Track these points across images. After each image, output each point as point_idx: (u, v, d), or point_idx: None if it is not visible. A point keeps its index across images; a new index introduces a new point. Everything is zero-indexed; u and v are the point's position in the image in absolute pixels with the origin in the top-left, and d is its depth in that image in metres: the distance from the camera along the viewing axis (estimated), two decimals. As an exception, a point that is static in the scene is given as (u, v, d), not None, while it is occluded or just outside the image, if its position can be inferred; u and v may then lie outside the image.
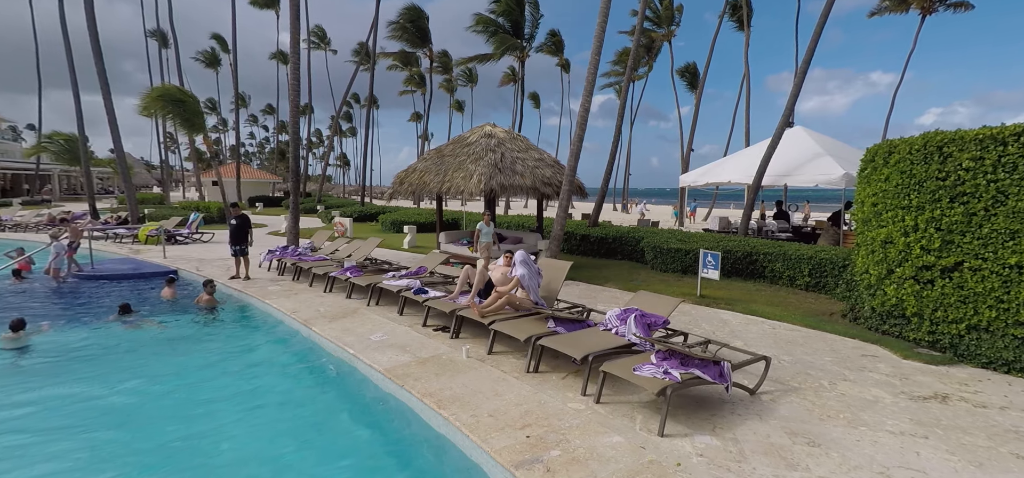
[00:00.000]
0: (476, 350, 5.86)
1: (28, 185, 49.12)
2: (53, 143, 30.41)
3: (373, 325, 7.02)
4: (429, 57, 33.39)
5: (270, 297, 8.81)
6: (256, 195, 39.54)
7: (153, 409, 5.29)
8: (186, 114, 20.54)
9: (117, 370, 6.33)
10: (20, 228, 19.32)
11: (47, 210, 28.48)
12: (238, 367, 6.45)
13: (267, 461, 4.23)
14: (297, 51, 12.16)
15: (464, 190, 10.66)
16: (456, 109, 60.73)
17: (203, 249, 15.06)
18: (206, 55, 50.60)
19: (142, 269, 11.70)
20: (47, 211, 26.71)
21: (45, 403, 5.34)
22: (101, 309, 8.75)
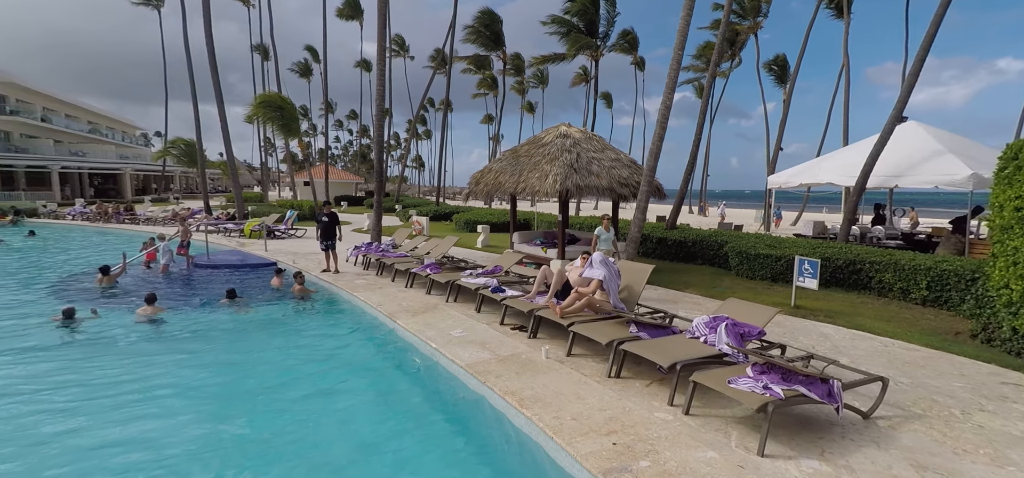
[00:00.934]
0: (555, 351, 5.81)
1: (156, 184, 56.35)
2: (175, 147, 34.66)
3: (453, 321, 7.21)
4: (502, 59, 33.90)
5: (357, 290, 9.35)
6: (340, 194, 42.32)
7: (249, 380, 5.90)
8: (284, 119, 22.50)
9: (223, 345, 7.15)
10: (151, 222, 22.18)
11: (172, 206, 32.42)
12: (327, 353, 6.92)
13: (353, 444, 4.47)
14: (383, 61, 12.84)
15: (539, 190, 10.65)
16: (527, 110, 61.15)
17: (298, 244, 16.37)
18: (300, 66, 55.06)
19: (248, 260, 12.95)
20: (172, 207, 30.43)
21: (168, 365, 6.11)
22: (213, 295, 9.79)
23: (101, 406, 5.16)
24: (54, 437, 4.53)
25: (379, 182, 13.96)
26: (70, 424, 4.78)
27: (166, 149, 36.14)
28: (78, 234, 20.67)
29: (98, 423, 4.80)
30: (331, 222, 10.91)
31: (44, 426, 4.75)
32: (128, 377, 5.92)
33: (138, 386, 5.67)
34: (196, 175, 58.73)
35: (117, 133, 62.25)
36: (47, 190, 42.00)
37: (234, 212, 22.60)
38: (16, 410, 5.04)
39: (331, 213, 11.02)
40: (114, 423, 4.79)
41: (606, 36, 25.51)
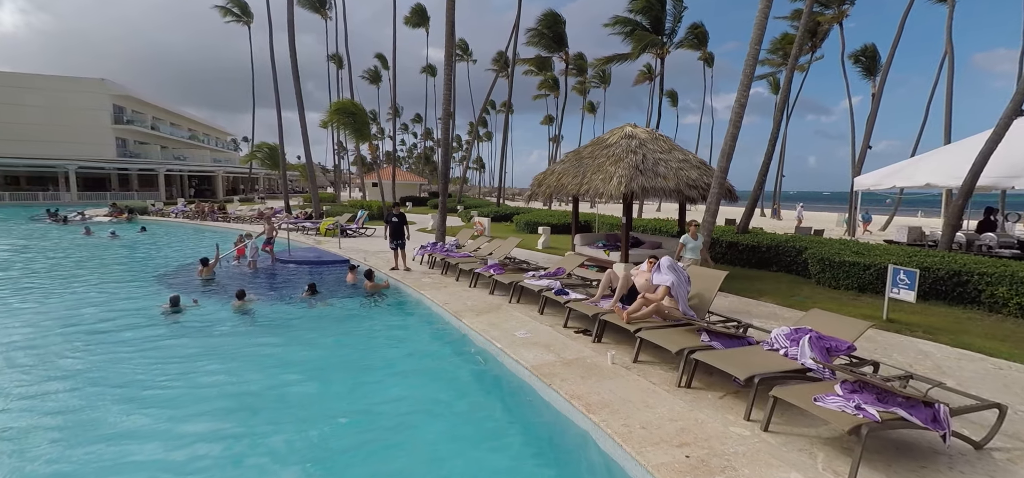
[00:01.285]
0: (621, 357, 5.71)
1: (243, 186, 61.56)
2: (260, 152, 37.69)
3: (517, 322, 7.29)
4: (565, 60, 33.74)
5: (423, 288, 9.70)
6: (405, 195, 44.05)
7: (325, 368, 6.32)
8: (356, 124, 23.78)
9: (303, 335, 7.71)
10: (240, 220, 24.28)
11: (257, 206, 35.28)
12: (395, 347, 7.24)
13: (417, 436, 4.64)
14: (450, 68, 13.22)
15: (603, 192, 10.51)
16: (588, 111, 60.42)
17: (368, 242, 17.25)
18: (370, 73, 57.90)
19: (323, 257, 13.83)
20: (257, 207, 33.12)
21: (260, 349, 6.66)
22: (294, 288, 10.55)
23: (197, 384, 5.75)
24: (158, 410, 5.09)
25: (444, 184, 14.38)
26: (169, 400, 5.35)
27: (252, 153, 39.41)
28: (180, 230, 23.07)
29: (193, 400, 5.34)
30: (400, 222, 11.39)
31: (149, 402, 5.34)
32: (221, 360, 6.55)
33: (229, 367, 6.25)
34: (278, 177, 63.56)
35: (211, 139, 68.81)
36: (155, 190, 47.18)
37: (311, 212, 24.22)
38: (130, 383, 5.71)
39: (400, 214, 11.51)
40: (208, 400, 5.31)
41: (672, 32, 24.66)
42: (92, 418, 4.91)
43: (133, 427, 4.80)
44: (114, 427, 4.77)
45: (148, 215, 29.29)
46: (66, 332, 7.73)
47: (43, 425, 4.76)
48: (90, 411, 5.05)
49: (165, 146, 54.91)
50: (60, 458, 4.20)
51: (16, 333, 7.66)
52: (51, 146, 42.51)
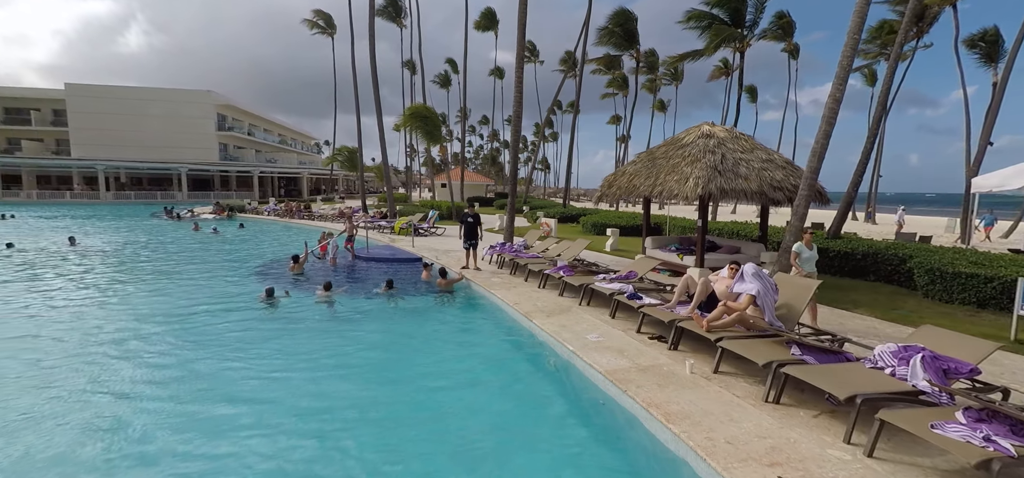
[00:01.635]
0: (700, 366, 5.47)
1: (324, 186, 66.05)
2: (341, 155, 40.24)
3: (588, 325, 7.22)
4: (635, 58, 32.86)
5: (493, 288, 9.88)
6: (472, 196, 45.06)
7: (399, 359, 6.64)
8: (429, 127, 24.68)
9: (381, 327, 8.17)
10: (323, 219, 26.09)
11: (338, 205, 37.74)
12: (466, 344, 7.44)
13: (488, 435, 4.72)
14: (520, 70, 13.35)
15: (678, 194, 10.12)
16: (658, 109, 58.44)
17: (439, 241, 17.86)
18: (440, 77, 59.94)
19: (398, 255, 14.51)
20: (338, 206, 35.42)
21: (342, 338, 7.15)
22: (373, 283, 11.16)
23: (286, 367, 6.27)
24: (251, 388, 5.60)
25: (512, 185, 14.56)
26: (260, 378, 5.86)
27: (334, 156, 42.23)
28: (272, 227, 25.21)
29: (281, 381, 5.82)
30: (474, 223, 11.66)
31: (245, 380, 5.88)
32: (309, 347, 7.11)
33: (315, 354, 6.78)
34: (355, 178, 67.59)
35: (297, 143, 74.56)
36: (250, 190, 51.88)
37: (386, 211, 25.50)
38: (230, 365, 6.33)
39: (475, 215, 11.77)
40: (294, 383, 5.76)
41: (754, 24, 23.20)
42: (195, 389, 5.52)
43: (229, 399, 5.32)
44: (214, 398, 5.34)
45: (245, 213, 32.28)
46: (180, 316, 8.73)
47: (155, 396, 5.40)
48: (193, 381, 5.68)
49: (259, 150, 60.33)
50: (172, 423, 4.74)
51: (140, 315, 8.76)
52: (167, 151, 48.16)
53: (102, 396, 5.38)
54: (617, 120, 64.82)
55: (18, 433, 4.56)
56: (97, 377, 5.88)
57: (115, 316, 8.76)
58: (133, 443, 4.42)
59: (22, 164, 45.90)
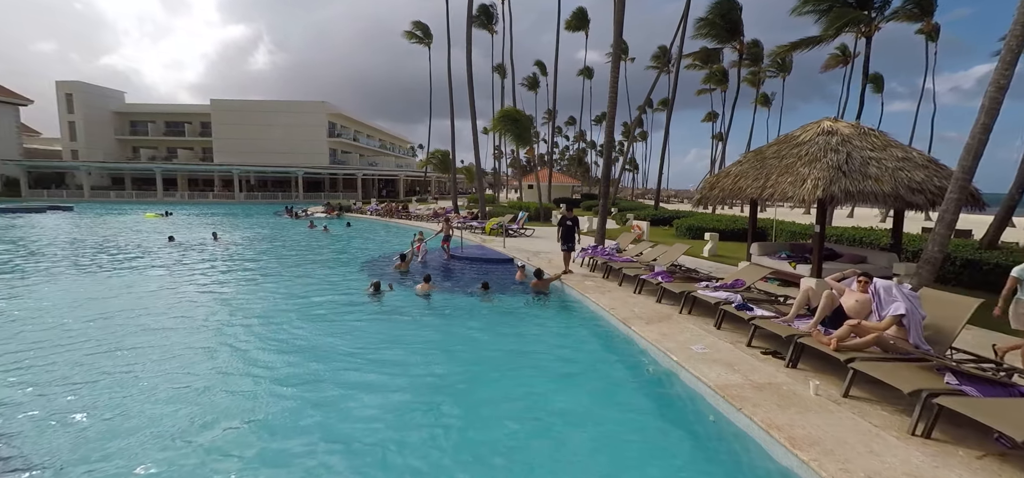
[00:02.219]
0: (826, 388, 4.95)
1: (418, 188, 69.93)
2: (434, 157, 42.32)
3: (691, 334, 6.87)
4: (738, 50, 30.63)
5: (587, 291, 9.77)
6: (559, 197, 45.01)
7: (493, 356, 6.84)
8: (518, 130, 25.07)
9: (476, 323, 8.47)
10: (419, 218, 27.64)
11: (432, 206, 39.77)
12: (562, 348, 7.44)
13: (586, 443, 4.65)
14: (617, 70, 13.06)
15: (793, 197, 9.27)
16: (761, 104, 53.95)
17: (529, 242, 18.08)
18: (528, 80, 60.58)
19: (491, 255, 14.91)
20: (432, 207, 37.33)
21: (440, 334, 7.56)
22: (468, 282, 11.61)
23: (388, 356, 6.72)
24: (357, 374, 6.05)
25: (605, 187, 14.29)
26: (364, 364, 6.31)
27: (428, 159, 44.58)
28: (374, 226, 27.21)
29: (384, 368, 6.23)
30: (573, 226, 11.54)
31: (351, 366, 6.38)
32: (410, 340, 7.62)
33: (416, 347, 7.23)
34: (447, 180, 70.78)
35: (395, 147, 79.74)
36: (354, 192, 56.42)
37: (477, 212, 26.36)
38: (339, 349, 6.91)
39: (574, 218, 11.65)
40: (396, 370, 6.13)
41: (884, 4, 20.49)
42: (307, 370, 6.12)
43: (337, 383, 5.85)
44: (323, 379, 5.92)
45: (350, 212, 35.22)
46: (299, 303, 9.78)
47: (273, 372, 6.05)
48: (305, 361, 6.31)
49: (362, 154, 65.48)
50: (282, 394, 5.29)
51: (266, 301, 9.92)
52: (287, 156, 54.04)
53: (235, 370, 6.20)
54: (713, 117, 60.97)
55: (178, 384, 5.39)
56: (230, 352, 6.84)
57: (247, 301, 10.08)
58: (252, 402, 5.10)
59: (178, 169, 54.25)
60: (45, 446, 4.43)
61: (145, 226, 25.00)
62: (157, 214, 30.54)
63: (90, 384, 5.72)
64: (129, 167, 53.60)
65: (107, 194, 50.45)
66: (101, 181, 52.80)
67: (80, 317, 8.57)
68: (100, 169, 52.37)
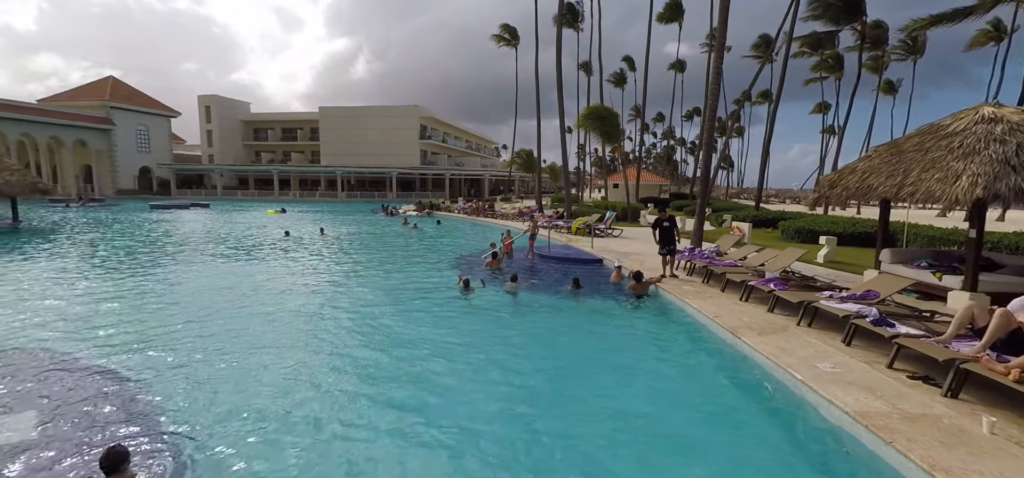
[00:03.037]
0: (1005, 426, 4.10)
1: (502, 187, 71.21)
2: (519, 157, 42.74)
3: (815, 350, 6.11)
4: (859, 31, 27.18)
5: (686, 296, 9.16)
6: (646, 196, 43.29)
7: (589, 362, 6.53)
8: (605, 127, 24.43)
9: (569, 322, 8.38)
10: (504, 217, 28.04)
11: (517, 205, 40.25)
12: (662, 357, 7.02)
13: (695, 461, 4.25)
14: (720, 61, 12.13)
15: (942, 197, 7.92)
16: (884, 91, 47.65)
17: (617, 243, 17.51)
18: (615, 76, 58.99)
19: (579, 256, 14.62)
20: (517, 206, 37.78)
21: (531, 332, 7.55)
22: (554, 281, 11.50)
23: (479, 351, 6.77)
24: (448, 365, 6.11)
25: (704, 186, 13.39)
26: (457, 357, 6.37)
27: (513, 159, 45.16)
28: (462, 224, 28.04)
29: (473, 363, 6.26)
30: (672, 227, 10.81)
31: (441, 357, 6.47)
32: (500, 336, 7.64)
33: (504, 344, 7.26)
34: (530, 179, 71.29)
35: (480, 147, 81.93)
36: (442, 191, 58.84)
37: (562, 211, 26.13)
38: (433, 340, 7.06)
39: (672, 217, 10.93)
40: (484, 367, 6.13)
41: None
42: (398, 355, 6.29)
43: (426, 375, 5.99)
44: (413, 368, 6.10)
45: (440, 210, 36.70)
46: (395, 295, 10.33)
47: (370, 357, 6.30)
48: (398, 349, 6.49)
49: (450, 155, 68.10)
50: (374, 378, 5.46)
51: (367, 292, 10.52)
52: (383, 158, 57.75)
53: (336, 351, 6.61)
54: (823, 108, 54.95)
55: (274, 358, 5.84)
56: (334, 337, 7.34)
57: (349, 290, 10.90)
58: (350, 381, 5.39)
59: (291, 170, 60.30)
60: (184, 396, 5.07)
61: (267, 221, 28.00)
62: (276, 211, 34.08)
63: (222, 351, 6.43)
64: (252, 169, 60.63)
65: (235, 193, 57.41)
66: (230, 182, 60.20)
67: (217, 297, 9.80)
68: (230, 171, 59.77)
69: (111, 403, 5.14)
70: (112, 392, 5.41)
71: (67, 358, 6.43)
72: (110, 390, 5.47)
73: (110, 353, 6.59)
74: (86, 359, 6.40)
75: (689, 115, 79.58)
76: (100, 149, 51.76)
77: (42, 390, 5.44)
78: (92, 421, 4.76)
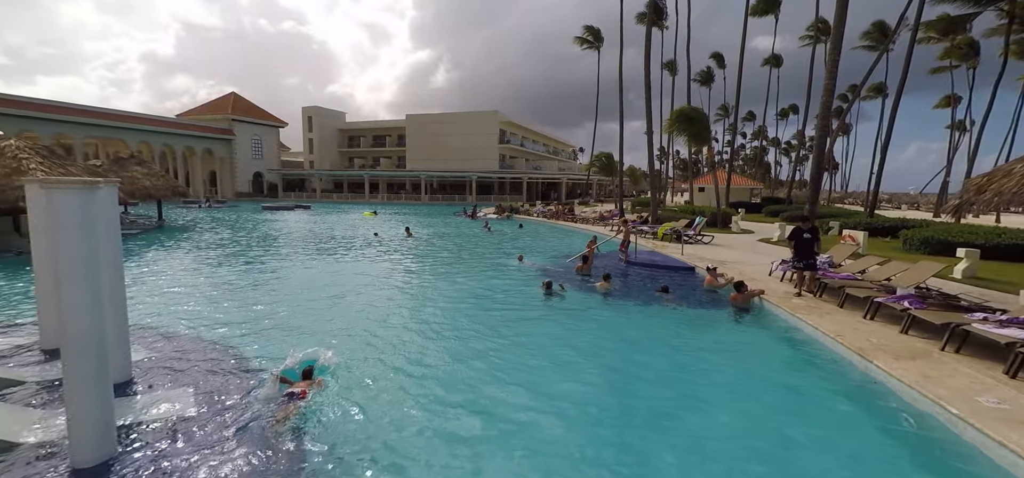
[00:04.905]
0: None
1: (579, 190, 70.48)
2: (598, 160, 42.03)
3: (970, 380, 5.31)
4: (1006, 12, 23.37)
5: (798, 311, 8.40)
6: (736, 201, 40.55)
7: (688, 375, 6.26)
8: (695, 129, 23.26)
9: (657, 328, 8.11)
10: (585, 221, 27.68)
11: (598, 208, 39.62)
12: (772, 375, 6.47)
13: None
14: (837, 52, 11.01)
15: None
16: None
17: (709, 250, 16.56)
18: (701, 74, 56.08)
19: (669, 262, 14.00)
20: (599, 210, 37.18)
21: (620, 339, 7.25)
22: (644, 287, 11.17)
23: (560, 356, 6.70)
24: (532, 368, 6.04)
25: (814, 190, 12.25)
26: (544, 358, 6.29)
27: (592, 162, 44.47)
28: (541, 228, 28.05)
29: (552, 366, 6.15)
30: (813, 239, 9.44)
31: (525, 357, 6.41)
32: (583, 341, 7.57)
33: (586, 350, 7.15)
34: (609, 183, 69.87)
35: (558, 151, 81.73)
36: (519, 195, 59.50)
37: (647, 215, 25.26)
38: (512, 347, 7.06)
39: (814, 228, 9.59)
40: (569, 371, 5.99)
41: None
42: (477, 347, 6.32)
43: (512, 373, 6.02)
44: (496, 367, 6.19)
45: (518, 214, 37.09)
46: (479, 296, 10.55)
47: (458, 352, 6.40)
48: (480, 344, 6.55)
49: (528, 159, 68.70)
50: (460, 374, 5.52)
51: (454, 291, 10.83)
52: (463, 162, 59.65)
53: (422, 347, 6.83)
54: (952, 102, 47.99)
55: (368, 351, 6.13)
56: (425, 332, 7.63)
57: (435, 288, 11.34)
58: (437, 378, 5.54)
59: (380, 175, 64.30)
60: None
61: (360, 223, 30.05)
62: (370, 213, 36.52)
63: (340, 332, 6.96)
64: (346, 174, 65.45)
65: (331, 196, 62.31)
66: (327, 185, 65.43)
67: (322, 289, 10.68)
68: (328, 176, 65.01)
69: (243, 374, 5.80)
70: (243, 365, 6.13)
71: (209, 339, 7.30)
72: (239, 362, 6.24)
73: (239, 333, 7.42)
74: (222, 339, 7.26)
75: (784, 113, 73.48)
76: (223, 156, 58.70)
77: (194, 367, 6.22)
78: (234, 391, 5.38)
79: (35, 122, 39.24)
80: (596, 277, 11.92)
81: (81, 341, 3.78)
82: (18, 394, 5.22)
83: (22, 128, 35.90)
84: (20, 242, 16.84)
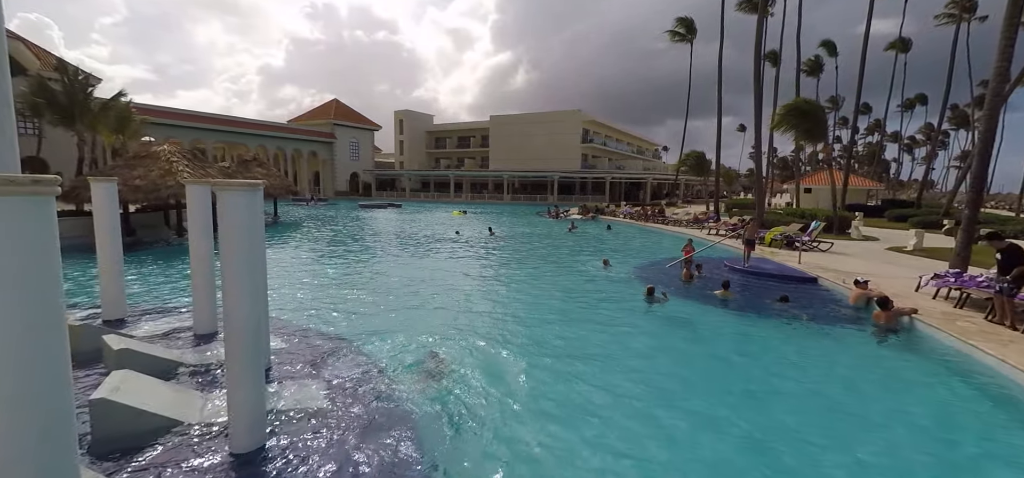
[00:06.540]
0: None
1: (665, 191, 67.35)
2: (689, 159, 39.81)
3: None
4: None
5: (967, 336, 7.10)
6: (852, 203, 36.27)
7: (817, 401, 5.23)
8: (808, 124, 21.07)
9: (776, 341, 7.18)
10: (677, 223, 26.26)
11: (691, 210, 37.56)
12: (931, 411, 5.50)
13: None
14: (1014, 27, 9.19)
15: None
16: None
17: (828, 258, 14.84)
18: (808, 63, 50.92)
19: (785, 271, 12.65)
20: (692, 211, 35.24)
21: (729, 353, 6.50)
22: (758, 295, 10.31)
23: (664, 363, 6.29)
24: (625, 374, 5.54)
25: (975, 192, 10.39)
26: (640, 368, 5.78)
27: (682, 161, 42.23)
28: (630, 230, 27.02)
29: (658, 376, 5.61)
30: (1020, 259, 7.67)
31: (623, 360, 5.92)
32: (686, 350, 7.16)
33: (689, 360, 6.73)
34: (697, 183, 66.09)
35: (642, 150, 78.87)
36: (601, 195, 58.19)
37: (747, 218, 23.34)
38: (617, 347, 6.60)
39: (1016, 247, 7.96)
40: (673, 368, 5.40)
41: None
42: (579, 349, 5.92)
43: (604, 378, 5.59)
44: (597, 371, 5.83)
45: (603, 215, 36.17)
46: (573, 297, 10.24)
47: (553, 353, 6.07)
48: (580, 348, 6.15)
49: (611, 158, 67.04)
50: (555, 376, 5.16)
51: (548, 294, 10.57)
52: (545, 162, 59.59)
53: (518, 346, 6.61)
54: None
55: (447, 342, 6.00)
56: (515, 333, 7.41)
57: (528, 293, 11.08)
58: (529, 377, 5.14)
59: (464, 175, 66.30)
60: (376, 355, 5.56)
61: (448, 221, 31.03)
62: (459, 212, 37.70)
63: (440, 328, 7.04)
64: (433, 174, 68.31)
65: (419, 195, 65.37)
66: (415, 185, 68.74)
67: (416, 282, 11.09)
68: (417, 176, 68.31)
69: (365, 368, 6.06)
70: (363, 359, 6.43)
71: (328, 331, 7.74)
72: (359, 356, 6.59)
73: (356, 327, 7.78)
74: (342, 332, 7.67)
75: (910, 104, 64.66)
76: (325, 158, 63.92)
77: (320, 358, 6.57)
78: (359, 385, 5.60)
79: (177, 130, 45.33)
80: (703, 284, 11.11)
81: (243, 330, 4.04)
82: (181, 375, 5.80)
83: (168, 135, 41.66)
84: (168, 233, 19.42)
